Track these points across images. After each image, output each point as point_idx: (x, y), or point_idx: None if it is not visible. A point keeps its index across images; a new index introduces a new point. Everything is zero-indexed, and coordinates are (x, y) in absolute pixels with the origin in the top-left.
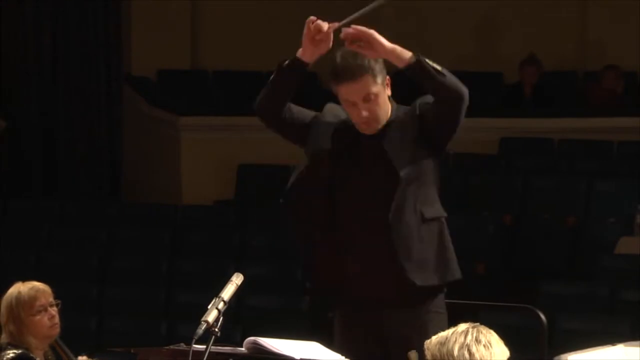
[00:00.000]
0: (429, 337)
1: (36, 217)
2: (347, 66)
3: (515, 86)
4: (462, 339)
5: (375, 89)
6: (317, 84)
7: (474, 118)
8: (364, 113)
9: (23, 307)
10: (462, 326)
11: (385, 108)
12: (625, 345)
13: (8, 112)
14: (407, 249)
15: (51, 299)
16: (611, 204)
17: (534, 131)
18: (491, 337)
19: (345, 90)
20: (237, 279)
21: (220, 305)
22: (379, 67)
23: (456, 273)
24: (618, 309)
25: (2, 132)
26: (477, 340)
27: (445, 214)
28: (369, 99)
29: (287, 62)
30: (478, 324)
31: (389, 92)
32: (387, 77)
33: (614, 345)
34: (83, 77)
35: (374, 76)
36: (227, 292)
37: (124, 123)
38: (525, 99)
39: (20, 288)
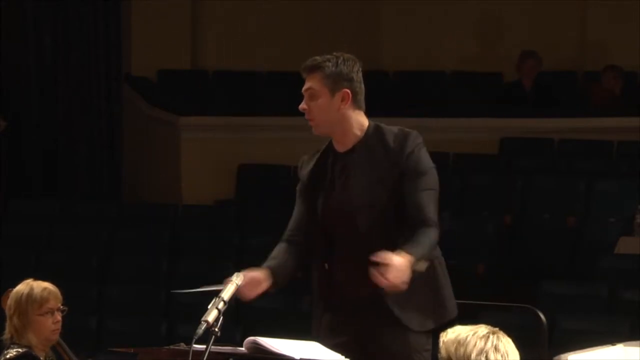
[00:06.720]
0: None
1: (36, 217)
2: (307, 62)
3: (515, 84)
4: (481, 344)
5: (317, 87)
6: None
7: (474, 118)
8: (303, 106)
9: (32, 305)
10: (483, 330)
11: (332, 117)
12: (625, 345)
13: (8, 112)
14: (397, 298)
15: (60, 304)
16: (611, 204)
17: (534, 131)
18: (509, 347)
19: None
20: (237, 279)
21: (220, 305)
22: (335, 73)
23: (452, 312)
24: (618, 309)
25: (2, 132)
26: (496, 349)
27: (438, 254)
28: (307, 94)
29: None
30: (497, 329)
31: (343, 105)
32: (347, 91)
33: (614, 345)
34: (83, 77)
35: (323, 77)
36: (227, 292)
37: (124, 123)
38: (526, 93)
39: (32, 286)
